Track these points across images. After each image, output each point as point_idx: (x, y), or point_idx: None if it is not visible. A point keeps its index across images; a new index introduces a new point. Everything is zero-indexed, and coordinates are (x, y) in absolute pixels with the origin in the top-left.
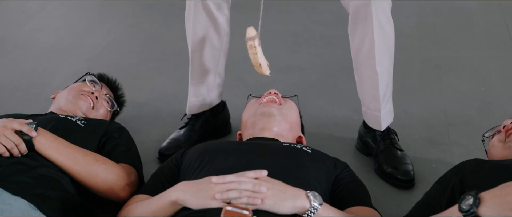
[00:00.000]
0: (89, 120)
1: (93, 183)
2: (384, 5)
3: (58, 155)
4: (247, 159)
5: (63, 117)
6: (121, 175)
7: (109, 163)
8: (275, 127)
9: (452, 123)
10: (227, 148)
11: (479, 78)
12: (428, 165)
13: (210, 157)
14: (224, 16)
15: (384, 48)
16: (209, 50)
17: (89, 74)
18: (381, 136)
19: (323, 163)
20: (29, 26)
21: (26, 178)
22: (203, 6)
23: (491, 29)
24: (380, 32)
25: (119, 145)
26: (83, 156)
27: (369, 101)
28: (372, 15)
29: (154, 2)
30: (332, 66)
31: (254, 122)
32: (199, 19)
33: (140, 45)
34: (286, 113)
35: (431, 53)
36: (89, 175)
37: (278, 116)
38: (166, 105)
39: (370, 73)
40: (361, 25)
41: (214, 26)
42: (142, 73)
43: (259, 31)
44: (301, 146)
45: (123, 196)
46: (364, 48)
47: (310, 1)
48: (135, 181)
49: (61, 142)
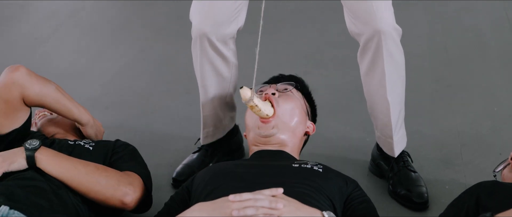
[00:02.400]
0: (97, 143)
1: (96, 191)
2: (394, 35)
3: (59, 169)
4: (258, 184)
5: (71, 142)
6: (123, 180)
7: (110, 171)
8: (277, 142)
9: (465, 143)
10: (236, 172)
11: (491, 97)
12: (441, 186)
13: (219, 184)
14: (231, 50)
15: (395, 76)
16: (218, 83)
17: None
18: (395, 158)
19: (335, 181)
20: (41, 51)
21: (42, 201)
22: (209, 44)
23: (502, 48)
24: (391, 61)
25: (122, 157)
26: (84, 166)
27: (381, 128)
28: (382, 46)
29: (165, 25)
30: (344, 87)
31: (256, 138)
32: (206, 55)
33: (152, 69)
34: (284, 120)
35: (443, 73)
36: (91, 184)
37: (277, 132)
38: (179, 128)
39: (382, 102)
40: (371, 55)
41: (222, 60)
42: (155, 97)
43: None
44: (311, 165)
45: (128, 201)
46: (375, 78)
47: (321, 22)
48: (139, 187)
49: (61, 156)
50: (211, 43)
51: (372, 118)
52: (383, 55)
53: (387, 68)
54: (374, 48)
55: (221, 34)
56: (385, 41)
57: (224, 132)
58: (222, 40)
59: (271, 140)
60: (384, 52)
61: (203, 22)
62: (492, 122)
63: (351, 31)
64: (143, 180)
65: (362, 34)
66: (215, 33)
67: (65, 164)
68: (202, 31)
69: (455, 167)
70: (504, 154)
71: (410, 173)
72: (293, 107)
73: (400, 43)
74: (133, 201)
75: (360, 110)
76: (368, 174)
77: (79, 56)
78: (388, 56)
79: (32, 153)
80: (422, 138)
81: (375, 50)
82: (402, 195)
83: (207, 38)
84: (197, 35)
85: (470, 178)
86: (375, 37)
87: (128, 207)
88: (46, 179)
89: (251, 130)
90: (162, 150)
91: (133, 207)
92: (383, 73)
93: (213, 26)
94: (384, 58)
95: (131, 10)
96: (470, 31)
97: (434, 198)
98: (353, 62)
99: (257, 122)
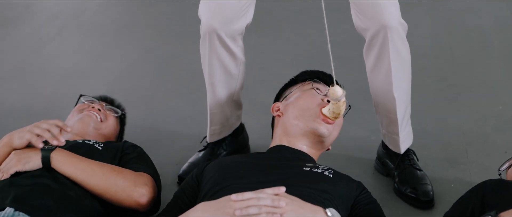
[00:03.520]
0: (106, 143)
1: (113, 192)
2: (400, 30)
3: (75, 170)
4: (264, 183)
5: (80, 141)
6: (138, 181)
7: (126, 172)
8: (316, 143)
9: (470, 142)
10: (244, 170)
11: (496, 96)
12: (447, 184)
13: (226, 184)
14: (239, 47)
15: (401, 72)
16: (226, 80)
17: (82, 96)
18: (400, 156)
19: (343, 187)
20: (46, 51)
21: (48, 201)
22: (219, 40)
23: (506, 48)
24: (397, 57)
25: (132, 159)
26: (100, 167)
27: (387, 125)
28: (388, 41)
29: (169, 25)
30: (348, 87)
31: (300, 130)
32: (215, 51)
33: (157, 69)
34: (337, 129)
35: (447, 72)
36: (107, 185)
37: (330, 135)
38: (184, 127)
39: (388, 98)
40: (377, 51)
41: (230, 56)
42: (159, 97)
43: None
44: (322, 169)
45: (144, 202)
46: (381, 74)
47: (325, 22)
48: (153, 188)
49: (77, 157)
50: (220, 39)
51: (377, 115)
52: (389, 50)
53: (393, 63)
54: (380, 44)
55: (230, 30)
56: (391, 36)
57: (231, 130)
58: (231, 36)
59: (325, 140)
60: (390, 48)
61: (213, 18)
62: (497, 120)
63: (357, 27)
64: (156, 183)
65: (368, 29)
66: (225, 29)
67: (80, 165)
68: (212, 27)
69: (460, 166)
70: (510, 153)
71: (416, 171)
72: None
73: (406, 38)
74: (148, 202)
75: (364, 109)
76: (374, 173)
77: (83, 56)
78: (394, 51)
79: (48, 154)
80: (427, 137)
81: (381, 46)
82: (408, 193)
83: (217, 34)
84: (206, 31)
85: (475, 176)
86: (381, 32)
87: (142, 208)
88: (55, 179)
89: (303, 119)
90: (167, 149)
91: (146, 208)
92: (389, 69)
93: (223, 22)
94: (390, 53)
95: (135, 10)
96: (474, 31)
97: (439, 196)
98: (357, 62)
99: (316, 117)
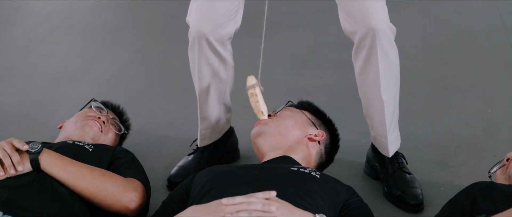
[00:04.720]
0: (96, 145)
1: (102, 197)
2: (388, 33)
3: (64, 172)
4: (254, 187)
5: (70, 142)
6: (128, 187)
7: (115, 177)
8: (267, 145)
9: (460, 144)
10: (234, 175)
11: (486, 99)
12: (436, 187)
13: (215, 186)
14: (228, 51)
15: (389, 75)
16: (215, 85)
17: (94, 101)
18: (389, 159)
19: (331, 188)
20: (36, 53)
21: (34, 203)
22: (208, 44)
23: (496, 50)
24: (385, 59)
25: (124, 164)
26: (90, 171)
27: (376, 127)
28: (376, 44)
29: (160, 28)
30: (339, 89)
31: (254, 146)
32: (204, 56)
33: (148, 71)
34: (278, 123)
35: (437, 74)
36: (97, 189)
37: (268, 133)
38: (174, 131)
39: (376, 101)
40: (365, 54)
41: (220, 61)
42: (150, 99)
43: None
44: (309, 170)
45: (133, 208)
46: (370, 77)
47: (316, 24)
48: (143, 194)
49: (66, 159)
50: (209, 44)
51: (367, 118)
52: (377, 53)
53: (381, 66)
54: (368, 47)
55: (219, 34)
56: (379, 39)
57: (221, 133)
58: (220, 41)
59: (257, 141)
60: (378, 51)
61: (202, 23)
62: (487, 123)
63: (345, 30)
64: (146, 188)
65: (356, 33)
66: (214, 34)
67: (69, 168)
68: (201, 32)
69: (449, 169)
70: (499, 156)
71: (405, 175)
72: (288, 115)
73: (394, 42)
74: (137, 208)
75: (355, 111)
76: (363, 176)
77: (74, 58)
78: (382, 54)
79: (36, 156)
80: (417, 140)
81: (369, 49)
82: (397, 196)
83: (206, 39)
84: (196, 36)
85: (464, 179)
86: (369, 35)
87: (131, 214)
88: (45, 181)
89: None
90: (157, 152)
91: (135, 214)
92: (377, 72)
93: (212, 27)
94: (378, 56)
95: (126, 12)
96: (465, 32)
97: (429, 199)
98: (348, 64)
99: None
